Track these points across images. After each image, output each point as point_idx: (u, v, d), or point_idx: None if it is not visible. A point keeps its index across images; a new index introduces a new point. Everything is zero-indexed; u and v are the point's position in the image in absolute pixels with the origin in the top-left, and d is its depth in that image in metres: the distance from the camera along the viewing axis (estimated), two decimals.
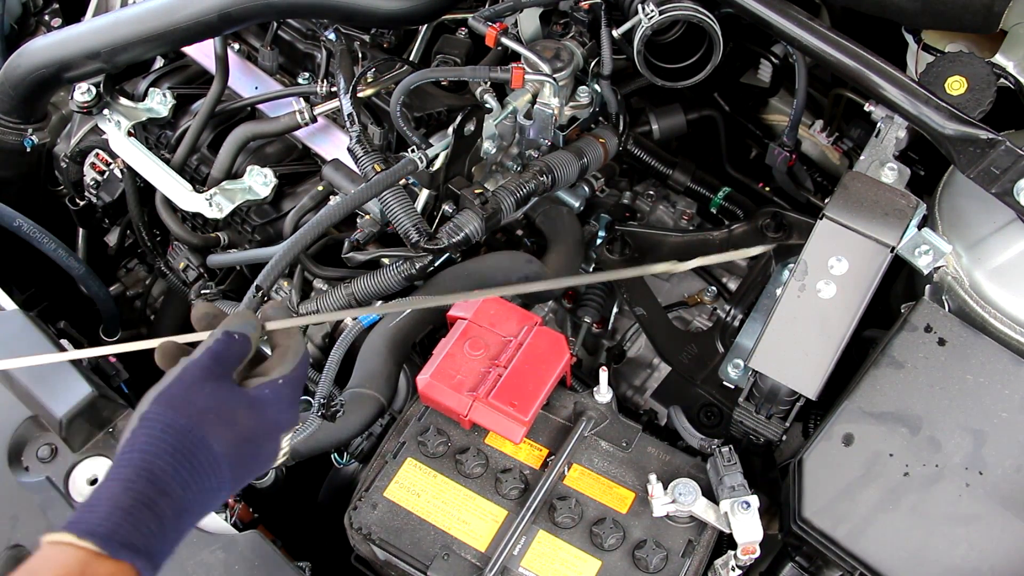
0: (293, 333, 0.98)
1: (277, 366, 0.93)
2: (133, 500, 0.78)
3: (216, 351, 0.90)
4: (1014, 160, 1.19)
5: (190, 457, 0.82)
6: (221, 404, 0.87)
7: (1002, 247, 1.29)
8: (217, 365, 0.89)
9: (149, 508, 0.79)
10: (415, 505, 1.22)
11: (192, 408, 0.85)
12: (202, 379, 0.87)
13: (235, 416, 0.87)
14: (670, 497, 1.19)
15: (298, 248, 1.40)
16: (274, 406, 0.91)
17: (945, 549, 1.10)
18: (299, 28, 1.80)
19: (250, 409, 0.89)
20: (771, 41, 1.88)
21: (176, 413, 0.84)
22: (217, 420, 0.85)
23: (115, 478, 0.80)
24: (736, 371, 1.49)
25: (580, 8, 1.62)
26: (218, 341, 0.90)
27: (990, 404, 1.17)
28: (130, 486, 0.79)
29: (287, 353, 0.95)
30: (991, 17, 1.32)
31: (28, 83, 1.65)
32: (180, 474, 0.82)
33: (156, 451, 0.81)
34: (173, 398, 0.85)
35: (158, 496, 0.80)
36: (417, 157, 1.48)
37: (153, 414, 0.84)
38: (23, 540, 1.17)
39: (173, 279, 1.80)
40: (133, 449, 0.82)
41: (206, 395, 0.86)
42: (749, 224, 1.68)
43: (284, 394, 0.92)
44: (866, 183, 1.31)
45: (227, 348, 0.90)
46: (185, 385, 0.87)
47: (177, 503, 0.81)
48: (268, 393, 0.91)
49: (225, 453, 0.85)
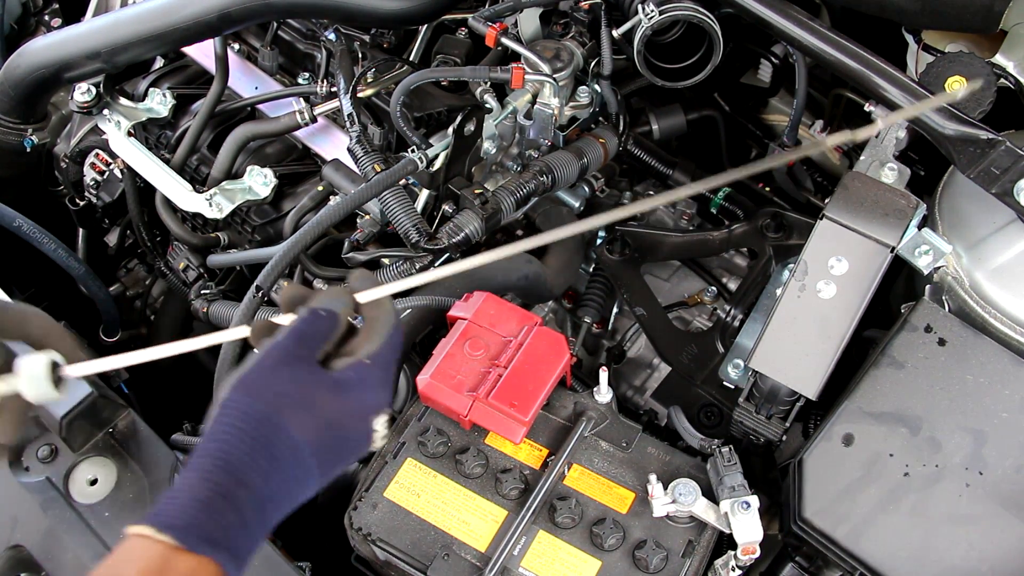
0: (381, 305, 0.90)
1: (364, 344, 0.87)
2: (210, 491, 0.75)
3: (300, 331, 0.85)
4: (1014, 160, 1.19)
5: (268, 445, 0.78)
6: (301, 388, 0.82)
7: (1002, 247, 1.29)
8: (300, 346, 0.84)
9: (227, 500, 0.75)
10: (415, 505, 1.22)
11: (269, 393, 0.80)
12: (282, 362, 0.83)
13: (316, 400, 0.82)
14: (670, 497, 1.19)
15: (298, 248, 1.40)
16: (360, 387, 0.85)
17: (945, 549, 1.10)
18: (299, 28, 1.80)
19: (333, 392, 0.83)
20: (771, 41, 1.88)
21: (253, 399, 0.80)
22: (296, 405, 0.81)
23: (193, 468, 0.77)
24: (736, 371, 1.49)
25: (580, 8, 1.62)
26: (303, 320, 0.85)
27: (990, 404, 1.17)
28: (207, 476, 0.76)
29: (374, 328, 0.88)
30: (991, 17, 1.32)
31: (28, 83, 1.65)
32: (259, 463, 0.77)
33: (233, 439, 0.78)
34: (251, 383, 0.81)
35: (236, 487, 0.76)
36: (417, 157, 1.48)
37: (230, 400, 0.80)
38: (23, 540, 1.17)
39: (173, 279, 1.80)
40: (211, 438, 0.78)
41: (285, 379, 0.82)
42: (749, 224, 1.68)
43: (371, 374, 0.86)
44: (866, 183, 1.31)
45: (312, 327, 0.85)
46: (264, 369, 0.82)
47: (257, 494, 0.77)
48: (352, 375, 0.85)
49: (307, 440, 0.80)
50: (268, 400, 0.80)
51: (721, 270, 1.72)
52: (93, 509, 1.16)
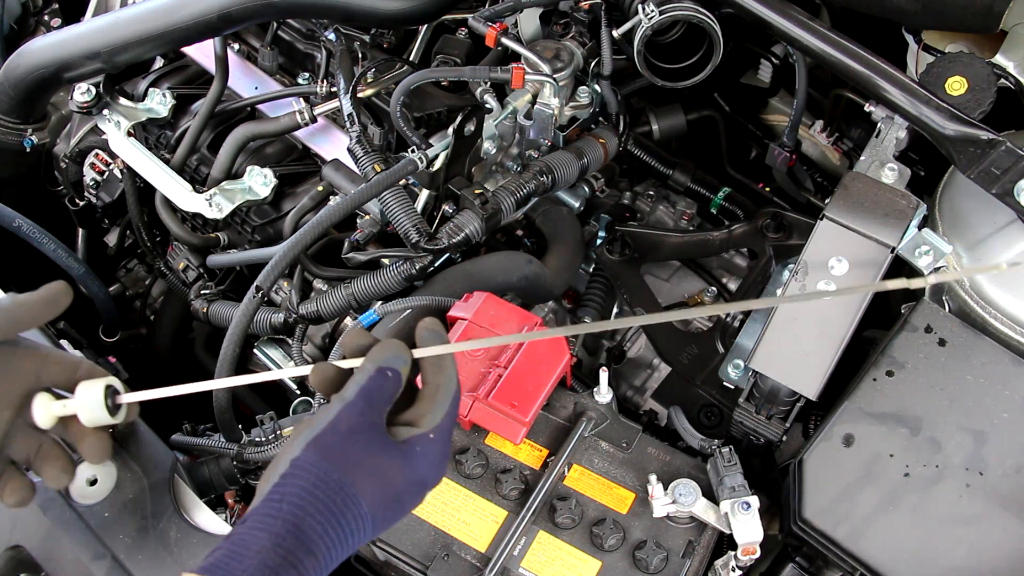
0: (445, 370, 0.89)
1: (428, 413, 0.86)
2: (282, 560, 0.74)
3: (370, 392, 0.83)
4: (1014, 160, 1.19)
5: (340, 517, 0.78)
6: (375, 459, 0.82)
7: (1003, 248, 1.29)
8: (371, 410, 0.83)
9: (296, 569, 0.75)
10: None
11: (347, 461, 0.80)
12: (357, 428, 0.82)
13: (387, 474, 0.82)
14: (670, 498, 1.19)
15: (298, 248, 1.40)
16: (423, 462, 0.85)
17: (945, 550, 1.10)
18: (299, 28, 1.80)
19: (402, 467, 0.83)
20: (771, 41, 1.88)
21: (330, 465, 0.79)
22: (370, 477, 0.81)
23: (264, 528, 0.76)
24: (736, 371, 1.49)
25: (580, 8, 1.62)
26: (371, 379, 0.84)
27: (991, 405, 1.17)
28: (280, 543, 0.75)
29: (437, 397, 0.87)
30: (991, 17, 1.32)
31: (28, 83, 1.65)
32: (329, 534, 0.78)
33: (308, 507, 0.77)
34: (328, 448, 0.80)
35: (305, 557, 0.76)
36: (417, 157, 1.48)
37: (307, 463, 0.79)
38: (23, 541, 1.17)
39: (173, 279, 1.80)
40: (284, 499, 0.78)
41: (361, 447, 0.81)
42: (749, 224, 1.68)
43: (434, 449, 0.85)
44: (866, 183, 1.31)
45: (380, 388, 0.84)
46: (340, 434, 0.81)
47: (321, 564, 0.77)
48: (418, 448, 0.84)
49: (372, 513, 0.81)
50: (345, 469, 0.80)
51: (721, 270, 1.72)
52: (93, 509, 1.15)
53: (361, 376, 0.85)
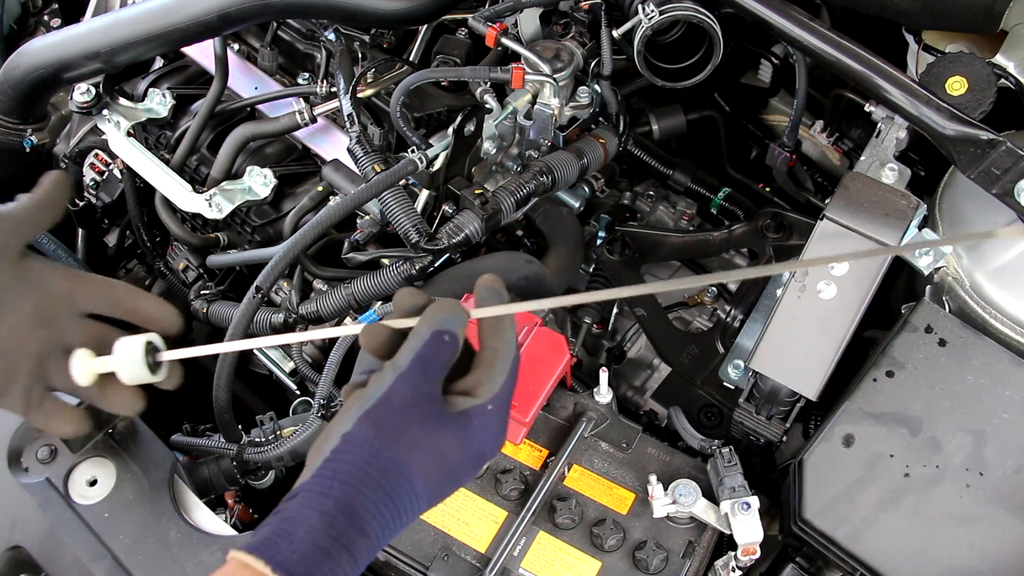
0: (504, 335, 0.82)
1: (486, 382, 0.80)
2: (333, 541, 0.72)
3: (425, 360, 0.78)
4: (1015, 161, 1.19)
5: (394, 496, 0.75)
6: (432, 435, 0.77)
7: (1003, 248, 1.29)
8: (426, 380, 0.78)
9: (348, 551, 0.72)
10: None
11: (402, 437, 0.76)
12: (412, 400, 0.77)
13: (444, 449, 0.78)
14: (670, 498, 1.19)
15: (298, 249, 1.40)
16: (481, 434, 0.80)
17: (946, 550, 1.10)
18: (299, 28, 1.80)
19: (460, 441, 0.79)
20: (771, 41, 1.88)
21: (383, 441, 0.75)
22: (426, 454, 0.77)
23: (314, 507, 0.73)
24: (736, 372, 1.48)
25: (580, 8, 1.62)
26: (427, 345, 0.78)
27: (991, 405, 1.17)
28: (331, 522, 0.72)
29: (496, 363, 0.81)
30: (991, 17, 1.32)
31: (27, 83, 1.65)
32: (382, 513, 0.74)
33: (361, 485, 0.74)
34: (382, 422, 0.76)
35: (358, 537, 0.73)
36: (417, 157, 1.48)
37: (360, 438, 0.75)
38: (23, 541, 1.17)
39: (173, 280, 1.80)
40: (335, 476, 0.74)
41: (417, 422, 0.77)
42: (749, 224, 1.68)
43: (492, 420, 0.81)
44: (866, 184, 1.31)
45: (436, 355, 0.78)
46: (394, 407, 0.77)
47: (373, 544, 0.74)
48: (476, 420, 0.79)
49: (427, 490, 0.77)
50: (399, 445, 0.76)
51: (721, 270, 1.72)
52: (93, 510, 1.16)
53: (416, 342, 0.78)
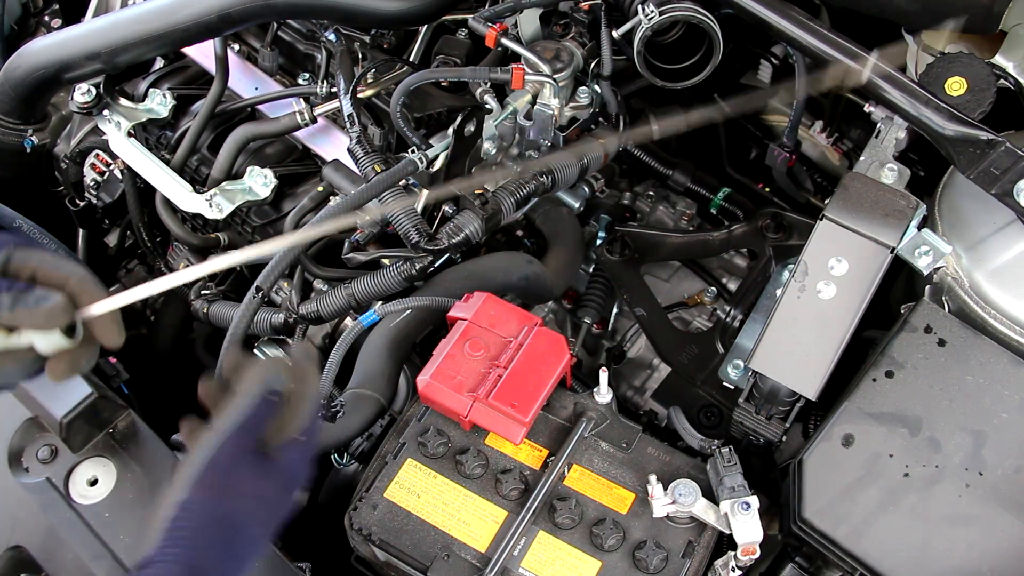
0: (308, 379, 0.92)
1: (294, 420, 0.89)
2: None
3: (247, 420, 0.86)
4: (1014, 161, 1.20)
5: (233, 546, 0.81)
6: (256, 483, 0.85)
7: (1002, 248, 1.29)
8: (249, 437, 0.86)
9: None
10: (415, 506, 1.22)
11: (232, 494, 0.83)
12: (238, 460, 0.84)
13: (268, 492, 0.86)
14: (670, 498, 1.19)
15: (298, 249, 1.40)
16: (296, 465, 0.89)
17: (945, 550, 1.10)
18: (299, 29, 1.80)
19: (281, 480, 0.87)
20: (771, 41, 1.88)
21: (216, 502, 0.82)
22: (255, 503, 0.84)
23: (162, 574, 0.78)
24: (736, 372, 1.49)
25: (580, 9, 1.62)
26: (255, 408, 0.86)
27: (990, 405, 1.17)
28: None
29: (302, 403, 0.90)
30: (991, 18, 1.32)
31: (28, 84, 1.65)
32: (226, 565, 0.81)
33: (200, 546, 0.80)
34: (211, 485, 0.82)
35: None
36: (417, 158, 1.48)
37: (193, 504, 0.81)
38: (23, 541, 1.17)
39: None
40: (176, 543, 0.80)
41: (243, 478, 0.84)
42: (749, 225, 1.68)
43: (304, 449, 0.90)
44: (866, 184, 1.31)
45: (258, 416, 0.87)
46: (222, 469, 0.83)
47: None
48: (292, 456, 0.89)
49: (263, 532, 0.85)
50: (231, 502, 0.82)
51: (721, 270, 1.72)
52: (93, 509, 1.16)
53: (240, 401, 0.86)
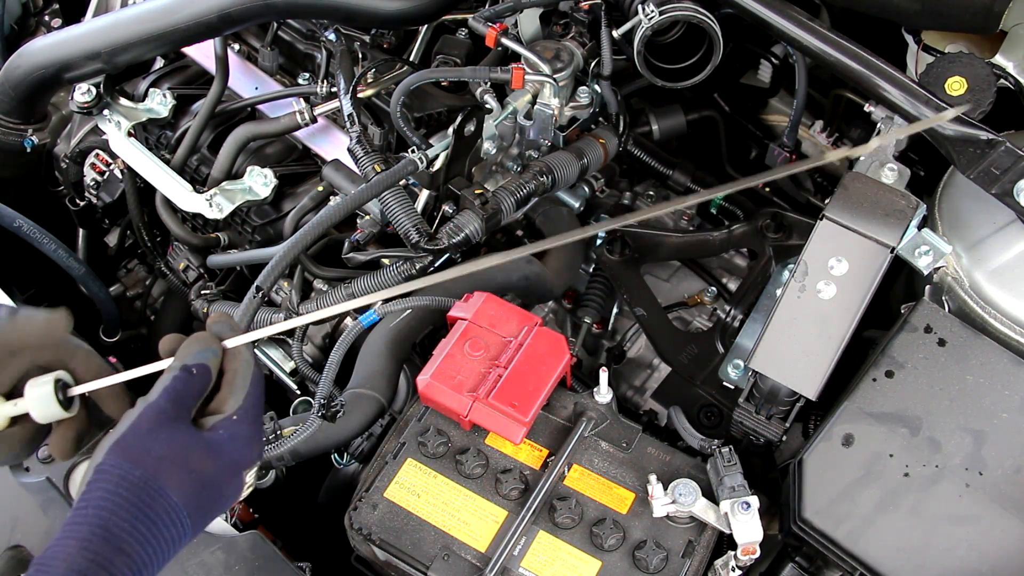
0: (240, 355, 0.91)
1: (228, 398, 0.88)
2: (89, 563, 0.75)
3: (173, 391, 0.85)
4: (1014, 161, 1.20)
5: (147, 511, 0.79)
6: (177, 451, 0.83)
7: (1002, 248, 1.29)
8: (174, 406, 0.85)
9: (106, 570, 0.76)
10: (415, 506, 1.22)
11: (148, 457, 0.81)
12: (158, 425, 0.83)
13: (192, 462, 0.83)
14: (670, 498, 1.19)
15: (298, 249, 1.40)
16: (232, 444, 0.86)
17: (945, 549, 1.10)
18: (299, 28, 1.80)
19: (207, 452, 0.85)
20: (771, 41, 1.88)
21: (131, 464, 0.81)
22: (174, 468, 0.82)
23: (71, 536, 0.77)
24: (736, 371, 1.49)
25: (580, 8, 1.62)
26: (175, 379, 0.86)
27: (990, 405, 1.17)
28: (86, 546, 0.76)
29: (236, 381, 0.89)
30: (991, 18, 1.32)
31: (28, 83, 1.65)
32: (138, 529, 0.78)
33: (112, 507, 0.78)
34: (128, 448, 0.82)
35: (115, 555, 0.76)
36: (417, 157, 1.48)
37: (108, 465, 0.80)
38: (23, 541, 1.17)
39: (173, 280, 1.80)
40: (88, 504, 0.79)
41: (162, 442, 0.83)
42: (749, 224, 1.68)
43: (241, 430, 0.88)
44: (866, 184, 1.31)
45: (185, 386, 0.86)
46: (140, 433, 0.83)
47: (135, 560, 0.78)
48: (223, 433, 0.86)
49: (184, 502, 0.82)
50: (147, 465, 0.81)
51: (721, 270, 1.72)
52: None
53: (166, 376, 0.87)
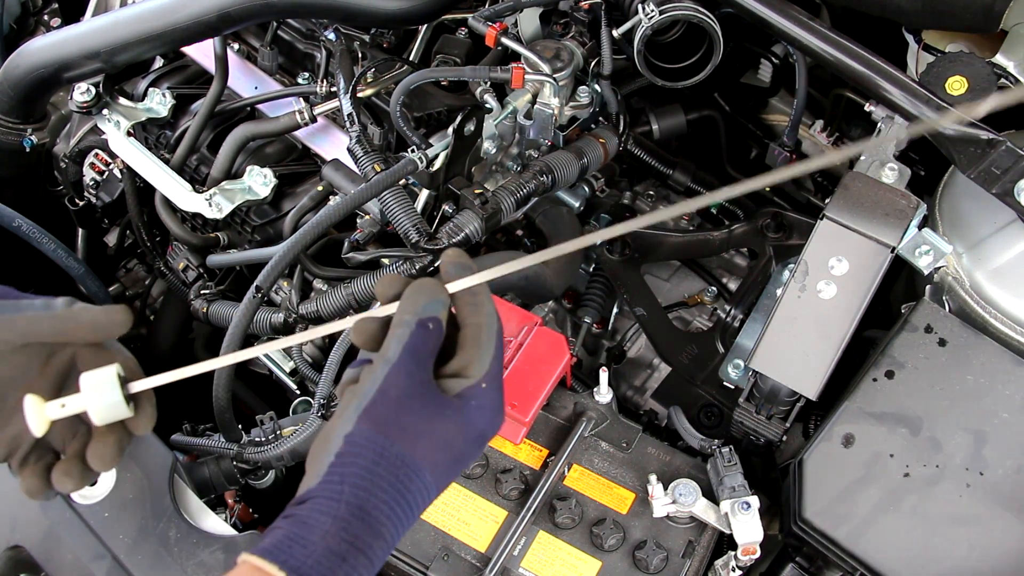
0: (483, 305, 0.80)
1: (475, 360, 0.79)
2: (348, 545, 0.71)
3: (414, 348, 0.76)
4: (1015, 160, 1.19)
5: (405, 492, 0.74)
6: (433, 424, 0.76)
7: (1003, 247, 1.29)
8: (419, 368, 0.77)
9: (364, 554, 0.71)
10: None
11: (405, 432, 0.74)
12: (409, 392, 0.76)
13: (447, 436, 0.76)
14: (670, 498, 1.19)
15: (298, 248, 1.40)
16: (481, 415, 0.78)
17: (946, 550, 1.10)
18: (299, 28, 1.80)
19: (459, 425, 0.77)
20: (771, 41, 1.88)
21: (387, 438, 0.74)
22: (431, 445, 0.75)
23: (327, 512, 0.71)
24: (736, 371, 1.48)
25: (580, 8, 1.62)
26: (414, 335, 0.77)
27: (991, 405, 1.17)
28: (345, 527, 0.71)
29: (481, 340, 0.79)
30: (991, 17, 1.32)
31: (27, 83, 1.65)
32: (395, 512, 0.73)
33: (371, 486, 0.72)
34: (382, 419, 0.74)
35: (373, 540, 0.72)
36: (417, 157, 1.48)
37: (363, 438, 0.74)
38: (23, 541, 1.17)
39: (173, 279, 1.80)
40: (344, 480, 0.72)
41: (416, 413, 0.75)
42: (749, 224, 1.68)
43: (490, 399, 0.79)
44: (866, 183, 1.31)
45: (424, 342, 0.77)
46: (392, 401, 0.75)
47: (389, 544, 0.74)
48: (473, 402, 0.78)
49: (435, 481, 0.76)
50: (404, 440, 0.74)
51: (721, 270, 1.72)
52: (93, 509, 1.16)
53: (403, 331, 0.77)
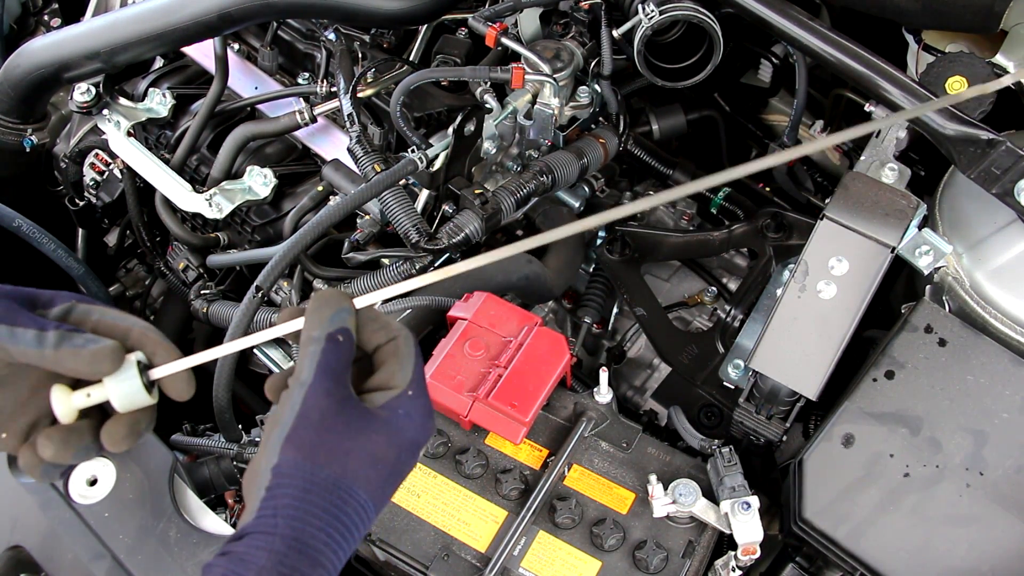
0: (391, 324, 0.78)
1: (397, 370, 0.76)
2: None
3: (328, 366, 0.73)
4: (1015, 160, 1.19)
5: (340, 515, 0.71)
6: (360, 440, 0.72)
7: (1003, 247, 1.29)
8: (337, 385, 0.73)
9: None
10: (415, 506, 1.22)
11: (332, 453, 0.71)
12: (331, 411, 0.72)
13: (377, 450, 0.73)
14: (670, 498, 1.18)
15: (298, 248, 1.40)
16: (410, 423, 0.75)
17: (946, 550, 1.10)
18: (299, 28, 1.80)
19: (389, 436, 0.74)
20: (771, 41, 1.88)
21: (315, 464, 0.71)
22: (361, 461, 0.72)
23: (262, 547, 0.69)
24: (736, 371, 1.48)
25: (580, 8, 1.62)
26: (325, 351, 0.73)
27: (991, 405, 1.17)
28: (282, 560, 0.68)
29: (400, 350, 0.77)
30: (991, 17, 1.32)
31: (27, 83, 1.65)
32: (333, 538, 0.71)
33: (304, 515, 0.70)
34: (306, 444, 0.71)
35: (312, 569, 0.69)
36: (417, 157, 1.48)
37: (289, 467, 0.70)
38: (23, 541, 1.17)
39: (173, 279, 1.80)
40: (277, 512, 0.70)
41: (340, 432, 0.72)
42: (749, 224, 1.68)
43: (418, 406, 0.76)
44: (866, 183, 1.31)
45: (337, 357, 0.73)
46: (314, 424, 0.71)
47: (331, 571, 0.71)
48: (402, 413, 0.75)
49: (372, 498, 0.73)
50: (333, 462, 0.71)
51: (721, 270, 1.72)
52: (93, 509, 1.15)
53: (313, 348, 0.73)
